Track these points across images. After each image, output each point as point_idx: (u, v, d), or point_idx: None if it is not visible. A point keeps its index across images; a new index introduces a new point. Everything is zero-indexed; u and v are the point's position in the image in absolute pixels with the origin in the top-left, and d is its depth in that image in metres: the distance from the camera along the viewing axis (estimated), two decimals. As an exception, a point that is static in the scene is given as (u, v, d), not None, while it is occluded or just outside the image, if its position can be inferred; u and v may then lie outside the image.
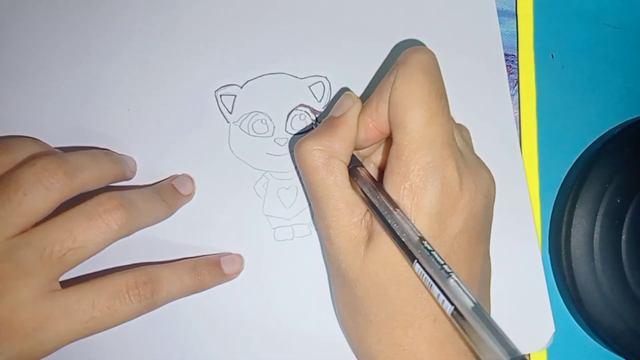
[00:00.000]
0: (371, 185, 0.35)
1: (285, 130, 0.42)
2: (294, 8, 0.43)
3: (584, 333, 0.45)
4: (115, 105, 0.42)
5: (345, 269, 0.35)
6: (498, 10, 0.45)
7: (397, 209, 0.33)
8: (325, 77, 0.43)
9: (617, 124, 0.46)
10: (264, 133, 0.42)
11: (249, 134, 0.42)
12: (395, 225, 0.33)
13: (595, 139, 0.46)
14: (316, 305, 0.42)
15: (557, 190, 0.46)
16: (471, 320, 0.29)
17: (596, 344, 0.45)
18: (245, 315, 0.42)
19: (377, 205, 0.34)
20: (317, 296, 0.42)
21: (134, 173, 0.41)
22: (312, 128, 0.43)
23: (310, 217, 0.42)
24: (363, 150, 0.39)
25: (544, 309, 0.43)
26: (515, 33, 0.45)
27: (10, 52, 0.42)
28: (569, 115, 0.46)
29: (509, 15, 0.45)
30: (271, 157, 0.42)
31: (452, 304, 0.30)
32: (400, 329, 0.35)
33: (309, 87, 0.43)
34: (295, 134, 0.43)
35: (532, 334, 0.42)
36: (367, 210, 0.35)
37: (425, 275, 0.31)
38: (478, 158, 0.38)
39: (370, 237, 0.35)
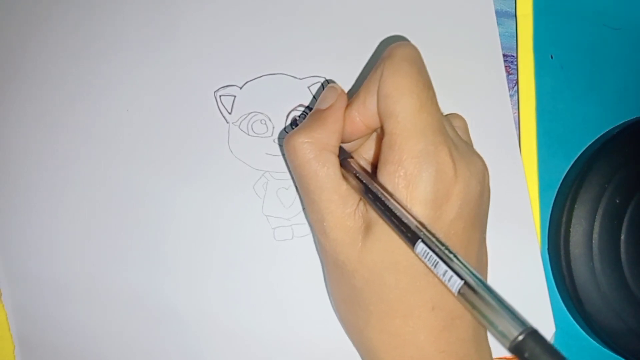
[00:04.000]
0: (363, 174, 0.35)
1: (285, 131, 0.42)
2: (293, 8, 0.43)
3: (583, 333, 0.45)
4: (114, 106, 0.42)
5: (342, 261, 0.36)
6: (497, 11, 0.45)
7: (392, 197, 0.33)
8: (324, 78, 0.43)
9: (616, 125, 0.46)
10: (264, 133, 0.42)
11: (249, 134, 0.42)
12: (395, 209, 0.33)
13: (595, 139, 0.46)
14: (316, 304, 0.42)
15: (556, 190, 0.46)
16: (482, 293, 0.29)
17: (595, 343, 0.45)
18: (244, 315, 0.42)
19: (375, 192, 0.34)
20: (317, 295, 0.42)
21: None
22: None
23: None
24: (348, 145, 0.39)
25: (544, 309, 0.43)
26: (515, 34, 0.45)
27: (9, 52, 0.42)
28: (568, 116, 0.46)
29: (508, 16, 0.45)
30: (271, 158, 0.42)
31: (461, 278, 0.30)
32: (400, 319, 0.35)
33: (308, 87, 0.43)
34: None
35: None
36: (361, 200, 0.36)
37: (431, 253, 0.31)
38: (470, 145, 0.38)
39: (367, 227, 0.35)
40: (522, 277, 0.43)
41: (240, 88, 0.42)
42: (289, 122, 0.43)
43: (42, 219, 0.42)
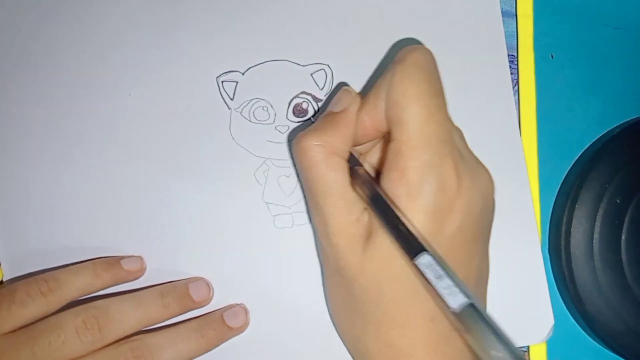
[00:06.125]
0: (370, 182, 0.35)
1: (287, 118, 0.42)
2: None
3: (584, 333, 0.45)
4: (117, 90, 0.42)
5: (343, 268, 0.35)
6: (498, 11, 0.45)
7: (394, 207, 0.33)
8: (328, 65, 0.43)
9: (616, 124, 0.46)
10: (265, 120, 0.42)
11: (250, 121, 0.42)
12: (396, 222, 0.32)
13: (595, 139, 0.46)
14: (315, 292, 0.42)
15: (557, 190, 0.46)
16: (470, 318, 0.29)
17: (596, 344, 0.45)
18: (243, 302, 0.42)
19: (377, 202, 0.33)
20: (316, 283, 0.42)
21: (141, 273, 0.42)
22: (313, 116, 0.43)
23: (310, 205, 0.42)
24: (358, 148, 0.39)
25: (543, 302, 0.42)
26: (515, 33, 0.45)
27: (13, 37, 0.43)
28: (568, 116, 0.46)
29: (508, 15, 0.45)
30: (272, 145, 0.42)
31: (449, 301, 0.30)
32: (397, 329, 0.34)
33: (311, 74, 0.43)
34: (296, 122, 0.43)
35: (532, 326, 0.42)
36: (365, 208, 0.35)
37: (435, 266, 0.31)
38: (476, 158, 0.38)
39: (369, 236, 0.34)
40: (522, 277, 0.43)
41: (243, 74, 0.42)
42: (291, 109, 0.42)
43: (42, 204, 0.42)
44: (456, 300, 0.30)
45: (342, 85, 0.43)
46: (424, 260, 0.31)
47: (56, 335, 0.36)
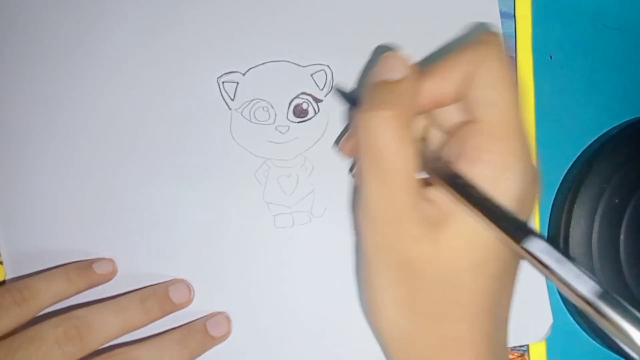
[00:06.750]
0: (442, 162, 0.32)
1: (287, 118, 0.43)
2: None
3: (583, 332, 0.45)
4: (118, 91, 0.42)
5: (413, 259, 0.32)
6: (496, 12, 0.45)
7: (478, 188, 0.31)
8: (328, 66, 0.43)
9: (615, 125, 0.46)
10: (266, 120, 0.42)
11: (251, 121, 0.42)
12: (491, 204, 0.30)
13: (594, 139, 0.46)
14: (315, 292, 0.42)
15: (556, 190, 0.46)
16: (604, 304, 0.27)
17: (595, 342, 0.45)
18: (243, 302, 0.42)
19: (458, 183, 0.31)
20: (316, 283, 0.42)
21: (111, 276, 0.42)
22: (314, 116, 0.43)
23: (309, 205, 0.42)
24: None
25: (542, 300, 0.43)
26: (514, 34, 0.45)
27: (11, 32, 0.43)
28: (567, 116, 0.46)
29: (507, 16, 0.46)
30: (272, 145, 0.42)
31: (579, 287, 0.27)
32: (467, 323, 0.32)
33: (312, 75, 0.43)
34: (297, 122, 0.43)
35: (531, 325, 0.43)
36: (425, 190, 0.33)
37: (554, 251, 0.29)
38: None
39: (441, 222, 0.32)
40: (521, 276, 0.43)
41: (243, 75, 0.43)
42: (291, 109, 0.43)
43: (43, 204, 0.42)
44: (586, 286, 0.27)
45: (346, 79, 0.43)
46: (537, 244, 0.29)
47: (37, 347, 0.36)
